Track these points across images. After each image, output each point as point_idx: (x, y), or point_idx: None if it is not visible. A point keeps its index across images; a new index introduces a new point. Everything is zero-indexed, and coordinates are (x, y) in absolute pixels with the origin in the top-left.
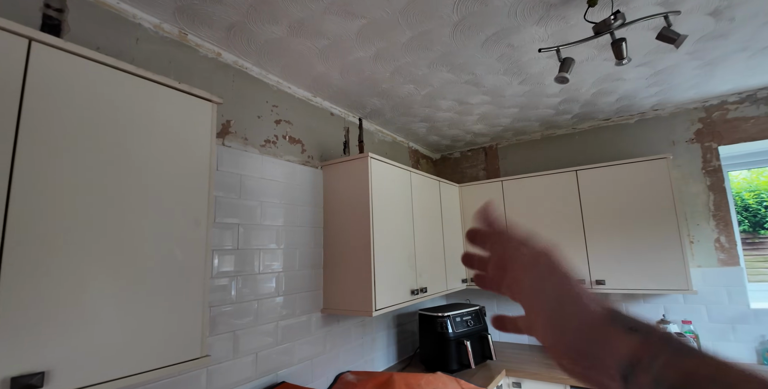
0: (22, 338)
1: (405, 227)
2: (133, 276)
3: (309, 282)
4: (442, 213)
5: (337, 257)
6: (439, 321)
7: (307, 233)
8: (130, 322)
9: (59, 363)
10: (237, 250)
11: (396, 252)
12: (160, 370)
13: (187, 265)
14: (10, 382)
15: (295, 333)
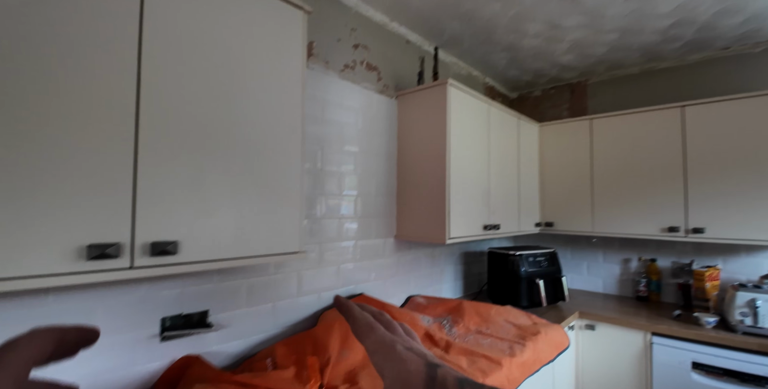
0: (159, 213)
1: (480, 163)
2: (242, 175)
3: (383, 209)
4: (520, 153)
5: (410, 187)
6: (511, 259)
7: (382, 162)
8: (240, 213)
9: (187, 238)
10: (320, 171)
11: (470, 187)
12: (265, 257)
13: (286, 168)
14: (150, 246)
15: (371, 254)
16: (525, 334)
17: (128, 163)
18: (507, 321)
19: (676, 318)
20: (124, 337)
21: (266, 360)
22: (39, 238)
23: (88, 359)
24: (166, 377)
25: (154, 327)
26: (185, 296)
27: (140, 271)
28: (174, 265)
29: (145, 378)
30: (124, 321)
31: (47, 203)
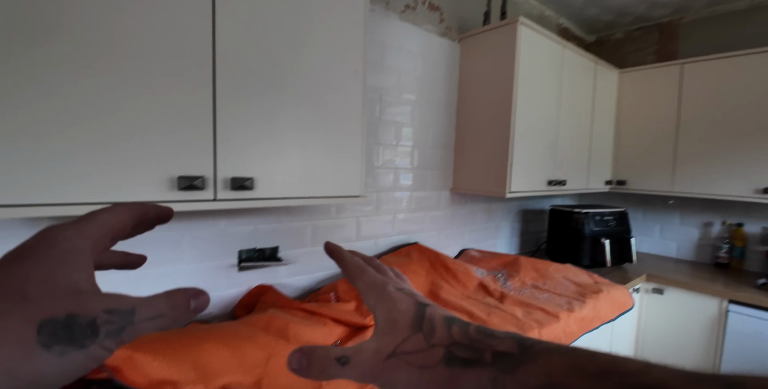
0: (237, 151)
1: (549, 112)
2: (309, 118)
3: (439, 161)
4: (594, 102)
5: (470, 137)
6: (575, 217)
7: (440, 111)
8: (306, 155)
9: (261, 176)
10: (378, 121)
11: (536, 138)
12: (329, 199)
13: (348, 112)
14: (231, 181)
15: (425, 206)
16: (585, 292)
17: (208, 104)
18: (566, 278)
19: (760, 287)
20: (208, 265)
21: (330, 294)
22: (142, 170)
23: (179, 283)
24: (243, 302)
25: (233, 258)
26: (258, 232)
27: (222, 203)
28: (251, 200)
29: (225, 301)
30: (207, 251)
31: (146, 140)
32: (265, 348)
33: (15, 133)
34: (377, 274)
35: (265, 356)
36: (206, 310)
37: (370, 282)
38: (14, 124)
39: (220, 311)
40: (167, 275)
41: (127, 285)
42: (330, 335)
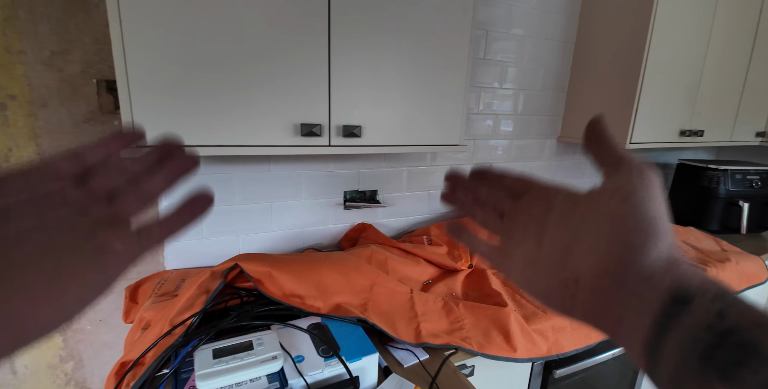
0: (347, 101)
1: (695, 44)
2: (411, 66)
3: (549, 106)
4: (757, 33)
5: (588, 79)
6: (708, 174)
7: (554, 48)
8: (408, 104)
9: (367, 124)
10: (482, 61)
11: (672, 78)
12: (428, 147)
13: (452, 56)
14: (342, 128)
15: (527, 155)
16: (707, 259)
17: (324, 52)
18: (686, 242)
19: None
20: (320, 202)
21: (423, 237)
22: (272, 118)
23: (299, 215)
24: (348, 236)
25: (339, 197)
26: (361, 176)
27: (335, 149)
28: (359, 146)
29: (333, 234)
30: (319, 190)
31: (274, 92)
32: (369, 276)
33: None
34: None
35: (369, 283)
36: (318, 241)
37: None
38: (199, 99)
39: (329, 242)
40: (290, 208)
41: (260, 215)
42: (423, 273)
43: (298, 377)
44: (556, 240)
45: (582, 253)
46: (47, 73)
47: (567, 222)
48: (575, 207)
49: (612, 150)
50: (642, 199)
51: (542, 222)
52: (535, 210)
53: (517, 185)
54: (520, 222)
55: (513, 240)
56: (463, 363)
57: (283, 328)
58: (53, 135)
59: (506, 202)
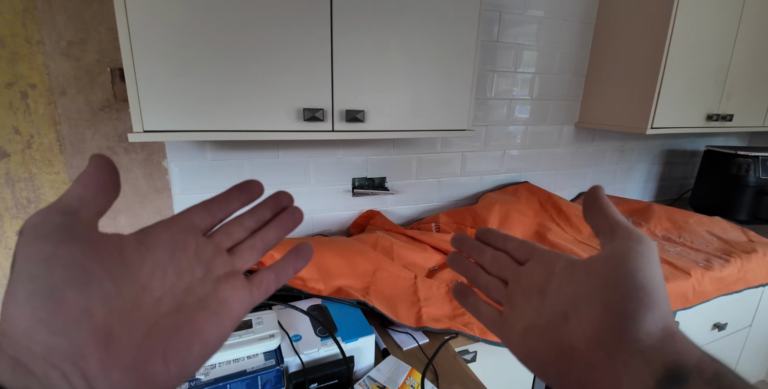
0: (350, 86)
1: (725, 23)
2: (418, 50)
3: (566, 90)
4: None
5: (609, 61)
6: (737, 161)
7: (574, 30)
8: (414, 88)
9: (372, 109)
10: (495, 44)
11: (699, 60)
12: (435, 132)
13: (460, 39)
14: (345, 113)
15: (542, 142)
16: (732, 250)
17: (326, 43)
18: (710, 232)
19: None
20: (328, 189)
21: (431, 224)
22: (275, 103)
23: (308, 201)
24: (356, 222)
25: (348, 184)
26: (369, 163)
27: (339, 134)
28: (362, 132)
29: (342, 220)
30: (327, 177)
31: (277, 76)
32: (373, 261)
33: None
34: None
35: (372, 268)
36: (326, 227)
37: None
38: (207, 83)
39: (338, 228)
40: (299, 194)
41: None
42: (429, 260)
43: (294, 355)
44: (554, 308)
45: (578, 321)
46: (65, 62)
47: (565, 289)
48: (574, 273)
49: (608, 217)
50: (636, 266)
51: (543, 289)
52: (537, 276)
53: (520, 250)
54: (523, 288)
55: (516, 308)
56: (465, 349)
57: (284, 309)
58: (72, 122)
59: (510, 268)
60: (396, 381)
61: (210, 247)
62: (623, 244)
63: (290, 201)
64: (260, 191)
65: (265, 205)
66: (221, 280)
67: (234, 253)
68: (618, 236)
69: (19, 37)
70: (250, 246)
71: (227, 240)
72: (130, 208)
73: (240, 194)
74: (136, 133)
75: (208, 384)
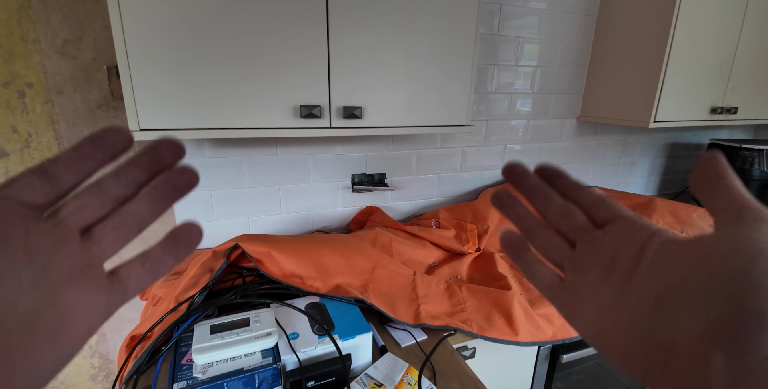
0: (347, 82)
1: (730, 15)
2: (416, 45)
3: (568, 83)
4: None
5: (611, 53)
6: (742, 155)
7: (576, 22)
8: (412, 84)
9: (369, 105)
10: (496, 37)
11: (703, 51)
12: (434, 127)
13: (458, 33)
14: (342, 109)
15: (544, 136)
16: None
17: (323, 39)
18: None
19: None
20: (328, 185)
21: (431, 220)
22: (271, 100)
23: (308, 198)
24: (356, 219)
25: (347, 180)
26: (369, 159)
27: (336, 131)
28: (360, 128)
29: (342, 217)
30: (327, 173)
31: (273, 73)
32: (371, 259)
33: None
34: None
35: (371, 265)
36: (326, 223)
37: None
38: (204, 81)
39: (337, 225)
40: (298, 191)
41: (269, 197)
42: (428, 256)
43: (291, 353)
44: (647, 292)
45: (683, 312)
46: (61, 61)
47: (663, 272)
48: (677, 255)
49: (733, 193)
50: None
51: (630, 265)
52: (623, 248)
53: (599, 208)
54: (600, 259)
55: (586, 279)
56: (464, 345)
57: (282, 307)
58: (69, 121)
59: (583, 229)
60: (393, 379)
61: (49, 233)
62: (756, 230)
63: (176, 155)
64: (127, 142)
65: (138, 162)
66: (64, 281)
67: (90, 237)
68: (747, 219)
69: (14, 36)
70: (114, 226)
71: (79, 218)
72: None
73: (95, 149)
74: (132, 131)
75: (205, 383)
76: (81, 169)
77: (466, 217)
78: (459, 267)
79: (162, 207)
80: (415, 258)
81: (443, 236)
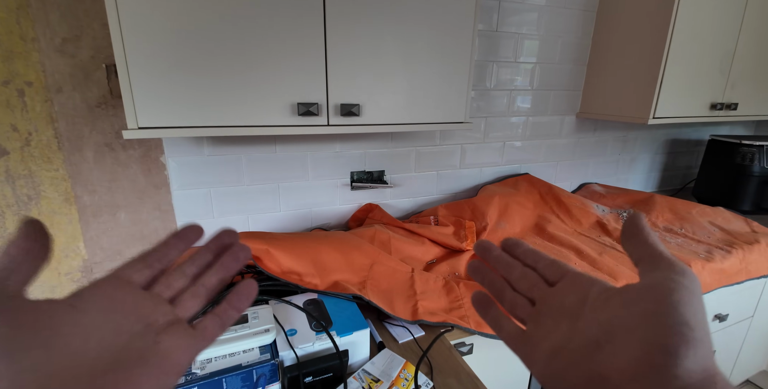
0: (345, 80)
1: (730, 10)
2: (414, 42)
3: (567, 80)
4: None
5: (610, 50)
6: (742, 151)
7: (575, 17)
8: (410, 81)
9: (367, 102)
10: (494, 33)
11: (703, 47)
12: (432, 125)
13: (456, 29)
14: (340, 107)
15: (544, 133)
16: (734, 241)
17: (320, 37)
18: (713, 223)
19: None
20: (326, 183)
21: (430, 217)
22: (268, 98)
23: (307, 195)
24: (355, 216)
25: (346, 178)
26: (367, 156)
27: (334, 128)
28: (358, 126)
29: (341, 214)
30: (326, 171)
31: (270, 70)
32: (370, 255)
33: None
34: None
35: (369, 262)
36: (325, 221)
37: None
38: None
39: (336, 222)
40: (297, 188)
41: (268, 195)
42: (427, 253)
43: (289, 349)
44: (586, 334)
45: (612, 351)
46: (60, 59)
47: (599, 316)
48: (610, 301)
49: (650, 247)
50: (680, 300)
51: (575, 313)
52: (568, 299)
53: (551, 269)
54: (553, 310)
55: (542, 328)
56: (462, 341)
57: (280, 303)
58: (69, 119)
59: (540, 287)
60: (390, 374)
61: (149, 301)
62: (667, 276)
63: (233, 239)
64: (198, 236)
65: (207, 248)
66: (162, 332)
67: (176, 303)
68: (661, 267)
69: (13, 35)
70: (193, 294)
71: (167, 290)
72: (130, 204)
73: (178, 242)
74: (130, 129)
75: (203, 379)
76: (169, 256)
77: (465, 214)
78: (457, 264)
79: (226, 276)
80: (413, 255)
81: (442, 233)
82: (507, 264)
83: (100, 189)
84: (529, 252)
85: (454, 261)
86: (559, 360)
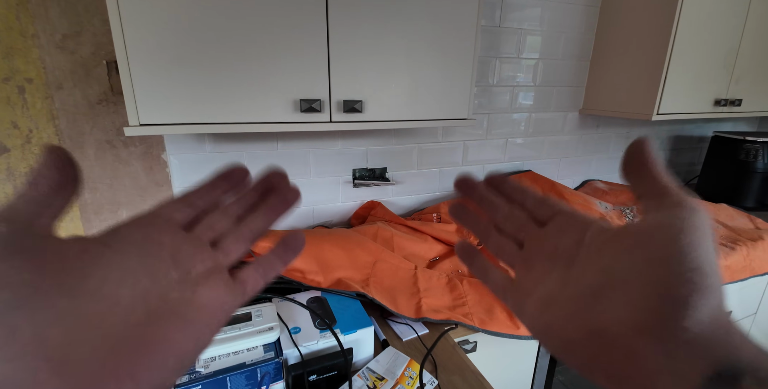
0: (347, 76)
1: (733, 6)
2: (416, 39)
3: (570, 76)
4: None
5: (614, 45)
6: (745, 148)
7: (578, 13)
8: (413, 78)
9: (369, 99)
10: (497, 29)
11: (707, 43)
12: (434, 121)
13: (459, 25)
14: (343, 103)
15: (546, 129)
16: (738, 237)
17: (322, 32)
18: (716, 220)
19: None
20: (329, 180)
21: (432, 215)
22: (271, 94)
23: (309, 193)
24: (357, 213)
25: (348, 175)
26: (369, 153)
27: (336, 125)
28: (361, 122)
29: (343, 211)
30: (328, 168)
31: (273, 67)
32: (373, 253)
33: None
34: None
35: (372, 259)
36: (328, 218)
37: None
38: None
39: (339, 219)
40: (299, 185)
41: None
42: (430, 251)
43: (293, 347)
44: (583, 281)
45: (613, 300)
46: (60, 56)
47: (596, 261)
48: (609, 243)
49: (656, 178)
50: (691, 243)
51: (568, 257)
52: (563, 241)
53: (541, 208)
54: (544, 254)
55: (532, 274)
56: (465, 339)
57: (283, 301)
58: (69, 116)
59: (528, 228)
60: (395, 372)
61: (190, 244)
62: (675, 214)
63: (282, 180)
64: (244, 176)
65: (254, 188)
66: (201, 281)
67: (217, 247)
68: (668, 203)
69: (13, 31)
70: (236, 237)
71: (210, 232)
72: (131, 202)
73: (223, 182)
74: (132, 126)
75: (207, 377)
76: (212, 196)
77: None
78: (460, 262)
79: (273, 219)
80: (416, 252)
81: (445, 230)
82: (491, 203)
83: (101, 186)
84: (517, 189)
85: (457, 258)
86: (552, 311)
